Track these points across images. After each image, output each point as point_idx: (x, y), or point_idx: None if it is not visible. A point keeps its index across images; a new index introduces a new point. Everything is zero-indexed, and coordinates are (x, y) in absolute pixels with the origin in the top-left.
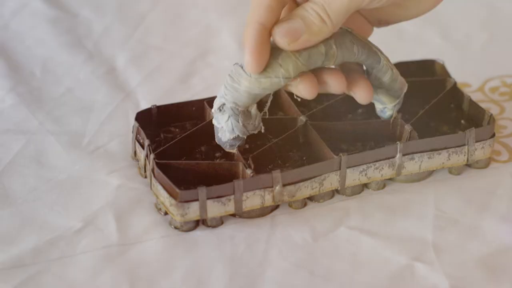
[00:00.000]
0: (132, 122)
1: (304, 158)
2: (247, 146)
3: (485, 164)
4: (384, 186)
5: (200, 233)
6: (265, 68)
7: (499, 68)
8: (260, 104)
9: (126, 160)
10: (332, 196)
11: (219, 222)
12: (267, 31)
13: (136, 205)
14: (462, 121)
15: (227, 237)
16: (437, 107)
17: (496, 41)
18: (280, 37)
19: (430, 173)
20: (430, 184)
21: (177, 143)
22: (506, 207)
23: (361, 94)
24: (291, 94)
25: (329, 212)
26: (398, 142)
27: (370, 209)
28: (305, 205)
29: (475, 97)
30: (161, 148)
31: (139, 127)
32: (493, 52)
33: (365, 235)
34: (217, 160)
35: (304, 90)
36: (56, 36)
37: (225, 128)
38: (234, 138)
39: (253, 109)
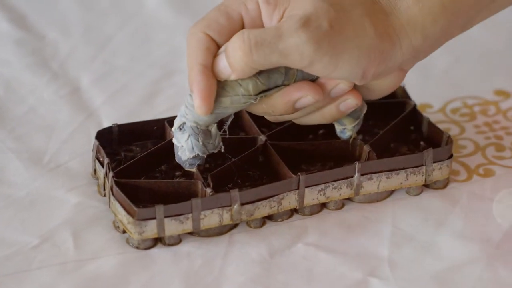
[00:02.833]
0: (93, 141)
1: (264, 177)
2: (207, 165)
3: (443, 185)
4: (342, 206)
5: (157, 250)
6: (224, 87)
7: (461, 90)
8: (221, 124)
9: (86, 178)
10: (291, 215)
11: (177, 240)
12: (210, 71)
13: (94, 223)
14: (422, 143)
15: (184, 254)
16: (397, 128)
17: (459, 64)
18: (217, 75)
19: (389, 193)
20: (388, 203)
21: (136, 162)
22: (462, 224)
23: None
24: (252, 115)
25: (287, 229)
26: (356, 162)
27: (328, 226)
28: (263, 224)
29: (437, 117)
30: (121, 167)
31: (99, 145)
32: (456, 74)
33: (321, 252)
34: (177, 179)
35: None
36: (21, 57)
37: (185, 147)
38: (194, 157)
39: (213, 129)
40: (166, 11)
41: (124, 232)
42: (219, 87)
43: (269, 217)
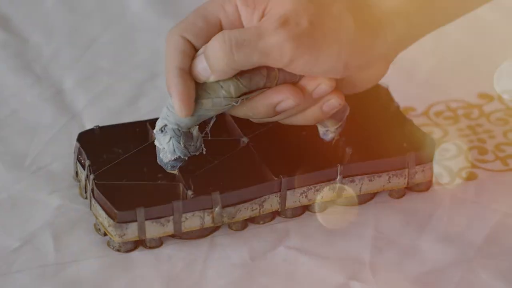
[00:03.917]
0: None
1: (246, 179)
2: (190, 167)
3: (426, 187)
4: (325, 208)
5: (138, 253)
6: (206, 90)
7: (444, 93)
8: (203, 126)
9: (68, 181)
10: (273, 218)
11: (158, 243)
12: (188, 73)
13: (76, 226)
14: (405, 144)
15: (165, 257)
16: (380, 130)
17: (442, 67)
18: (196, 78)
19: (371, 196)
20: (371, 206)
21: (118, 164)
22: (445, 228)
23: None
24: (235, 117)
25: (268, 232)
26: (338, 164)
27: (310, 230)
28: (245, 227)
29: (420, 120)
30: (102, 169)
31: (81, 148)
32: (439, 78)
33: (303, 255)
34: (159, 181)
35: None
36: (4, 59)
37: (167, 149)
38: (175, 159)
39: (195, 131)
40: (150, 13)
41: (105, 234)
42: (201, 89)
43: (251, 220)
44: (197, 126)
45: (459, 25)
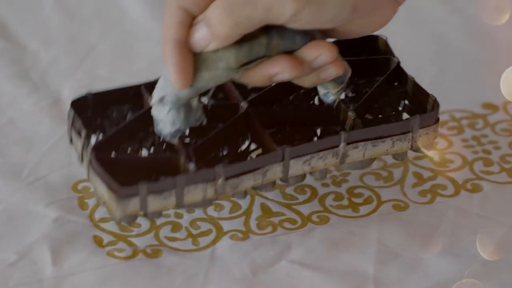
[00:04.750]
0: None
1: (249, 145)
2: (192, 135)
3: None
4: (328, 220)
5: (138, 264)
6: (205, 62)
7: (448, 103)
8: (203, 95)
9: (66, 192)
10: (274, 186)
11: (159, 215)
12: (185, 45)
13: (74, 238)
14: (406, 102)
15: (165, 270)
16: (381, 88)
17: (445, 75)
18: (195, 46)
19: (373, 160)
20: (374, 218)
21: (116, 134)
22: (449, 241)
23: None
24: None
25: (270, 245)
26: (342, 132)
27: (313, 242)
28: (247, 238)
29: None
30: (100, 141)
31: (76, 115)
32: (442, 86)
33: (306, 269)
34: (159, 153)
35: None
36: (1, 67)
37: (166, 121)
38: (175, 130)
39: (195, 102)
40: (149, 21)
41: (104, 203)
42: (200, 61)
43: (254, 188)
44: (197, 97)
45: (463, 34)
